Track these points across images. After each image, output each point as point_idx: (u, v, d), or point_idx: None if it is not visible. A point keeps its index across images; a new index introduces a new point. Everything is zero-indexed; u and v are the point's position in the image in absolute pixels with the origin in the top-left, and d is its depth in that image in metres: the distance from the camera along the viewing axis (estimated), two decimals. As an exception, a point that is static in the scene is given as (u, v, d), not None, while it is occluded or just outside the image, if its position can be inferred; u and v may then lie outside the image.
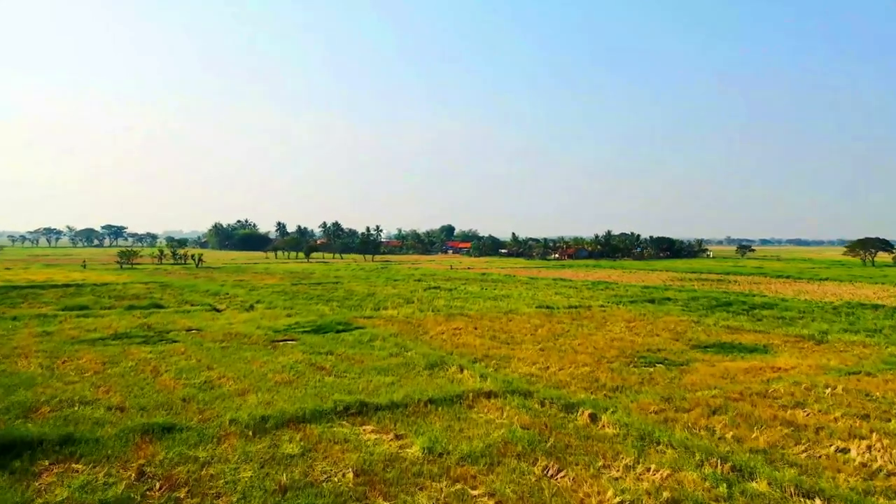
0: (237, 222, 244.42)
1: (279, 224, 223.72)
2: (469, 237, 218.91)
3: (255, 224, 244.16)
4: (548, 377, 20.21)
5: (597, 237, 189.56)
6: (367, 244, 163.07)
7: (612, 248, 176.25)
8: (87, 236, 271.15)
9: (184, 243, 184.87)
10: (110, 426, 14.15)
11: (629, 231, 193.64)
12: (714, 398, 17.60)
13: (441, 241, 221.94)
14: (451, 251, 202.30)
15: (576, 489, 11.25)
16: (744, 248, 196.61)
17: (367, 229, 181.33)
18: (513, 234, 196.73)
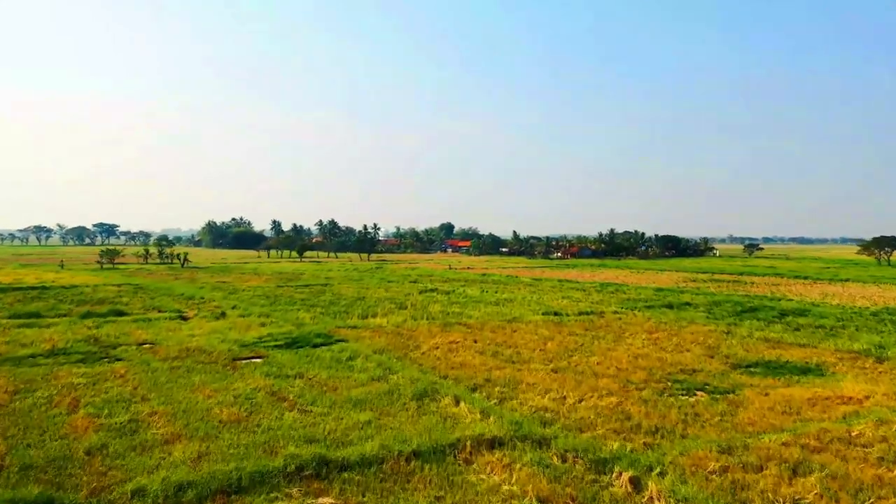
0: (231, 220, 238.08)
1: (274, 222, 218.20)
2: (469, 235, 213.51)
3: (249, 222, 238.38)
4: (566, 412, 16.11)
5: (600, 235, 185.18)
6: (364, 243, 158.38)
7: (616, 246, 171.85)
8: (79, 234, 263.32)
9: (177, 242, 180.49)
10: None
11: (632, 229, 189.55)
12: (786, 446, 13.57)
13: (440, 239, 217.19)
14: (450, 250, 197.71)
15: None
16: (752, 246, 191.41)
17: (364, 227, 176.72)
18: (514, 232, 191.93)
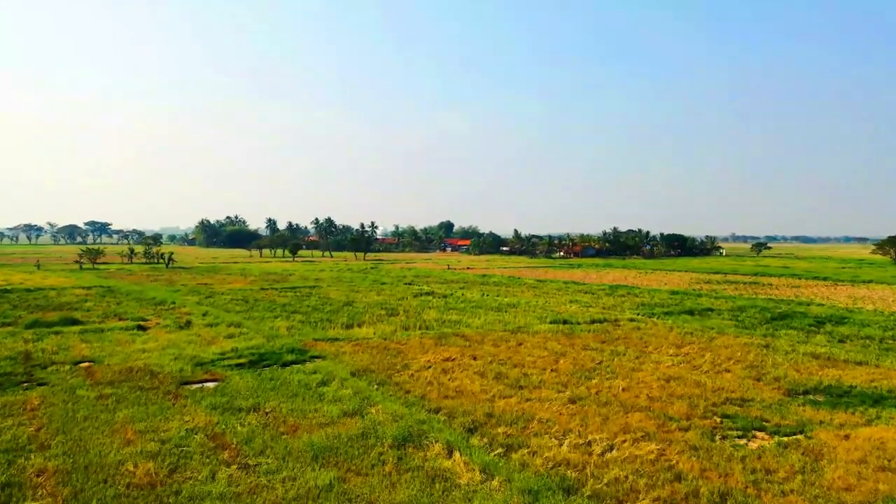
0: (226, 218, 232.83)
1: (269, 221, 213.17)
2: (469, 234, 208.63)
3: (244, 220, 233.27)
4: (594, 469, 12.11)
5: (604, 234, 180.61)
6: (359, 241, 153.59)
7: (621, 245, 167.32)
8: (70, 233, 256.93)
9: (173, 240, 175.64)
10: None
11: (635, 228, 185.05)
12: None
13: (439, 238, 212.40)
14: (449, 249, 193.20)
15: None
16: (759, 245, 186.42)
17: (361, 226, 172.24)
18: (515, 230, 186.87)
